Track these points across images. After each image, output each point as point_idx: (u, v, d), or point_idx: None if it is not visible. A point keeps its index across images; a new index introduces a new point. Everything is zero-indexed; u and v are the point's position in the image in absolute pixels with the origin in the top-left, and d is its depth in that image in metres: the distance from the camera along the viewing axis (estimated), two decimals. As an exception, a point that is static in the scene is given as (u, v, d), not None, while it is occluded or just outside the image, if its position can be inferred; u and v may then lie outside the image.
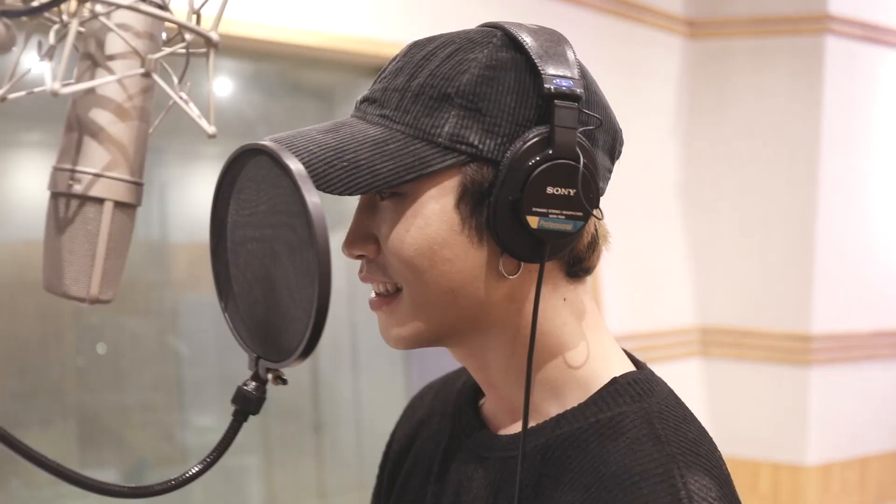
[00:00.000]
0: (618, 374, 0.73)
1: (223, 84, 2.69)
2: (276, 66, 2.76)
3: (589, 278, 0.78)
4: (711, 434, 0.73)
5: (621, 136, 0.76)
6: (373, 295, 0.74)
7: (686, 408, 0.73)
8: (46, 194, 0.54)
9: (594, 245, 0.75)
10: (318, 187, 0.64)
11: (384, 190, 0.67)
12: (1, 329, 2.37)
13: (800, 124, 3.45)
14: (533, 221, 0.66)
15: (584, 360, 0.74)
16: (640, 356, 0.80)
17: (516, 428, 0.76)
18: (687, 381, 3.66)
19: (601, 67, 3.34)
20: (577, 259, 0.74)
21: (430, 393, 0.95)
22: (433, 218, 0.68)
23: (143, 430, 2.64)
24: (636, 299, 3.43)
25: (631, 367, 0.76)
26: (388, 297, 0.72)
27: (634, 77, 3.47)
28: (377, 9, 2.63)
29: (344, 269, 2.66)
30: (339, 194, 0.65)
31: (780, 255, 3.51)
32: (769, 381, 3.57)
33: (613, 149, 0.75)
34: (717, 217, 3.66)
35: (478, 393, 0.85)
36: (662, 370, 0.79)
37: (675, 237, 3.67)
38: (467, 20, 0.79)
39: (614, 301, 3.26)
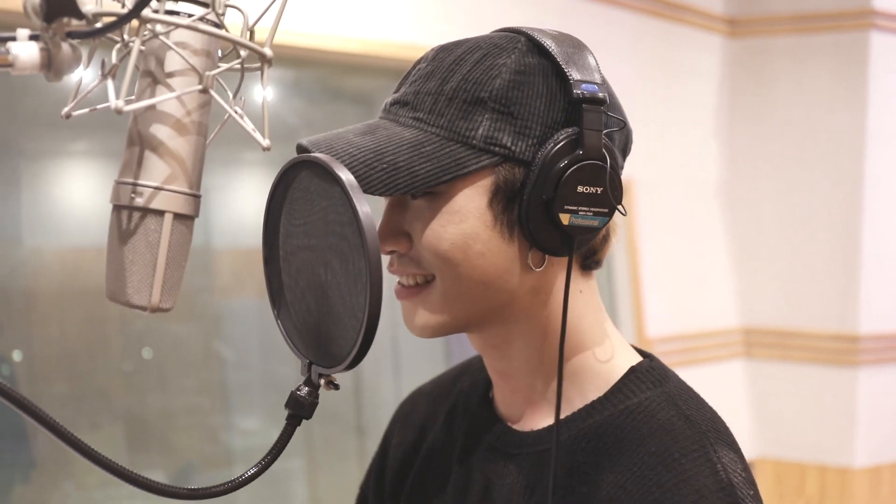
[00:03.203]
0: (633, 364, 0.78)
1: (266, 91, 2.71)
2: (317, 72, 2.79)
3: (596, 273, 0.81)
4: (756, 436, 0.76)
5: (632, 136, 0.79)
6: (398, 286, 0.77)
7: (694, 390, 0.79)
8: (95, 202, 0.57)
9: (606, 239, 0.79)
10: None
11: (416, 190, 0.69)
12: (51, 334, 2.42)
13: (844, 121, 3.41)
14: (565, 218, 0.69)
15: (602, 351, 0.78)
16: (682, 358, 0.83)
17: (538, 420, 0.79)
18: (731, 382, 3.62)
19: (640, 67, 3.34)
20: (591, 252, 0.78)
21: (423, 398, 0.98)
22: (468, 215, 0.70)
23: (188, 434, 2.67)
24: (678, 300, 3.40)
25: (639, 357, 0.80)
26: (417, 287, 0.75)
27: (674, 77, 3.45)
28: (416, 15, 2.64)
29: (386, 273, 2.66)
30: (380, 195, 0.68)
31: (825, 254, 3.47)
32: (815, 382, 3.52)
33: (626, 147, 0.79)
34: (760, 216, 3.62)
35: (487, 390, 0.88)
36: (706, 372, 0.82)
37: (717, 237, 3.64)
38: (506, 24, 0.80)
39: (656, 302, 3.24)
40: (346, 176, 0.59)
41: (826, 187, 3.46)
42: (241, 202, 2.82)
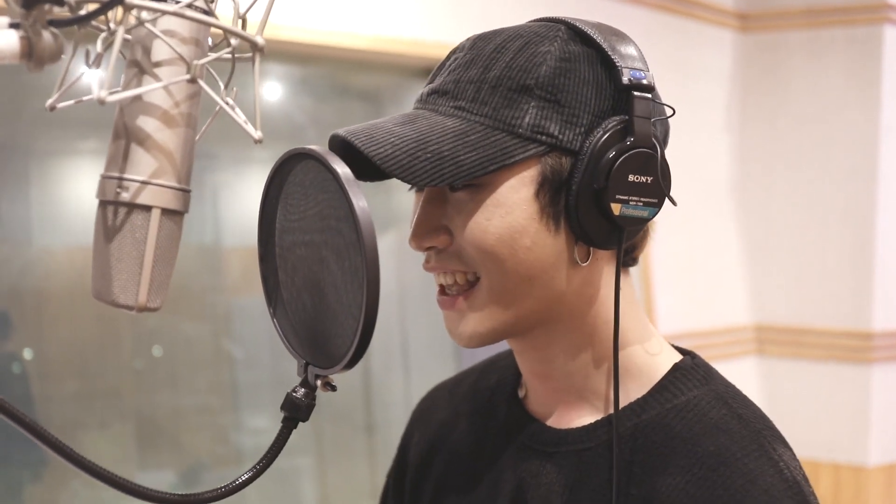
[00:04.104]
0: (676, 361, 0.76)
1: (272, 88, 2.71)
2: (325, 69, 2.78)
3: (632, 270, 0.80)
4: None
5: (670, 126, 0.78)
6: (440, 295, 0.74)
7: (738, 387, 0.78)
8: (101, 202, 0.55)
9: (646, 233, 0.77)
10: (404, 179, 0.65)
11: (462, 181, 0.67)
12: (61, 333, 2.42)
13: (857, 117, 3.37)
14: (616, 209, 0.68)
15: (644, 348, 0.76)
16: None
17: (576, 418, 0.77)
18: (743, 380, 3.58)
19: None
20: (631, 247, 0.75)
21: (444, 394, 0.95)
22: (513, 207, 0.68)
23: (198, 432, 2.67)
24: (690, 298, 3.38)
25: (679, 354, 0.78)
26: (462, 293, 0.72)
27: (685, 73, 3.43)
28: (424, 11, 2.63)
29: (393, 270, 2.66)
30: (425, 186, 0.66)
31: (839, 250, 3.43)
32: (828, 380, 3.49)
33: (665, 138, 0.77)
34: (773, 212, 3.59)
35: (516, 387, 0.85)
36: (718, 369, 0.80)
37: (729, 234, 3.61)
38: (515, 21, 0.79)
39: (668, 300, 3.22)
40: (341, 169, 0.57)
41: (839, 183, 3.43)
42: (250, 200, 2.82)
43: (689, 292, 3.37)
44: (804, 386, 3.56)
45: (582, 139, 0.68)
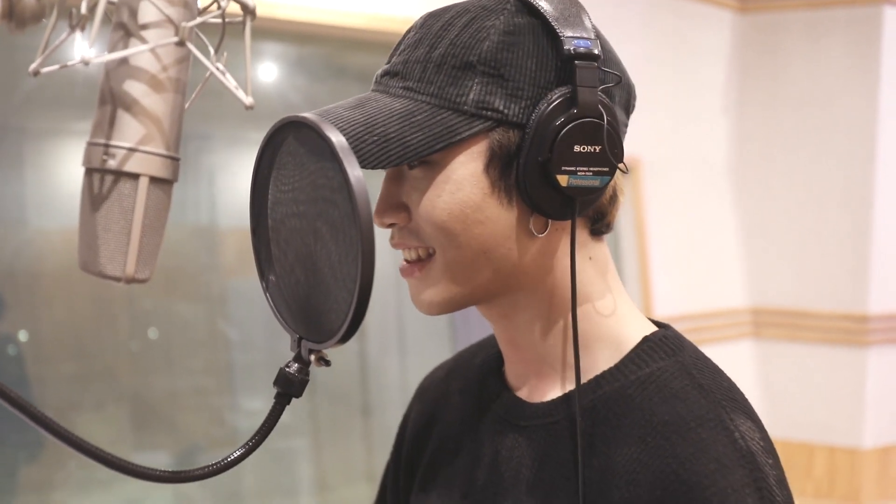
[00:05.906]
0: (647, 333, 0.76)
1: (268, 69, 2.69)
2: (321, 49, 2.76)
3: (608, 237, 0.80)
4: (764, 416, 0.75)
5: (634, 91, 0.77)
6: (403, 263, 0.75)
7: (711, 360, 0.77)
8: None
9: (614, 200, 0.76)
10: None
11: (409, 161, 0.67)
12: (57, 315, 2.41)
13: (856, 98, 3.36)
14: (563, 180, 0.68)
15: (613, 319, 0.76)
16: (691, 338, 0.81)
17: (547, 391, 0.78)
18: (740, 362, 3.60)
19: (649, 46, 3.28)
20: (600, 215, 0.76)
21: (443, 372, 0.97)
22: (464, 183, 0.69)
23: (194, 414, 2.67)
24: (687, 280, 3.38)
25: (653, 327, 0.78)
26: (420, 262, 0.73)
27: (684, 53, 3.41)
28: (420, -12, 2.60)
29: (389, 252, 2.64)
30: (372, 168, 0.66)
31: (836, 233, 3.43)
32: (824, 362, 3.49)
33: (628, 104, 0.76)
34: (770, 195, 3.58)
35: (500, 364, 0.86)
36: (714, 352, 0.80)
37: (726, 216, 3.60)
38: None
39: (665, 282, 3.21)
40: (336, 137, 0.55)
41: (837, 166, 3.42)
42: (246, 181, 2.80)
43: (686, 275, 3.37)
44: (800, 369, 3.57)
45: (528, 112, 0.68)
